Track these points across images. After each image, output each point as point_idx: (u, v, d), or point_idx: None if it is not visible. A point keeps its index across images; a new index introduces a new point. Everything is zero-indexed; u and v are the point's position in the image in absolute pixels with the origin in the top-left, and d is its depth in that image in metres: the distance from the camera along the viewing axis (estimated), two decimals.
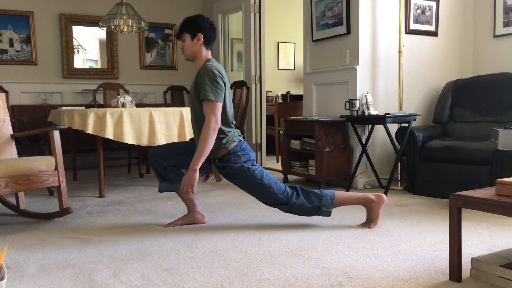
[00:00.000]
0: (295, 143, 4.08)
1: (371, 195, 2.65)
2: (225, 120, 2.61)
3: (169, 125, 3.67)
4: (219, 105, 2.52)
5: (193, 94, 2.61)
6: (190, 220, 2.76)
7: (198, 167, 2.48)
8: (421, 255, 2.12)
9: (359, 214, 2.92)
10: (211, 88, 2.50)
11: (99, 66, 5.81)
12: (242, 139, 2.67)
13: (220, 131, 2.58)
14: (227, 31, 6.07)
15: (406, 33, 4.00)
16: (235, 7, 5.51)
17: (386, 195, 3.42)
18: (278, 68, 7.43)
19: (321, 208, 2.59)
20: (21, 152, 3.58)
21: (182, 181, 2.52)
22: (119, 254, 2.19)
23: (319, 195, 2.60)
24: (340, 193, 2.64)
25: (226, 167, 2.58)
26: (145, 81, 6.07)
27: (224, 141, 2.58)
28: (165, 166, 2.72)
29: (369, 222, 2.64)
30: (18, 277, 1.91)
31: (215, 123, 2.49)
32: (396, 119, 3.52)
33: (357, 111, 3.75)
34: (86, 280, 1.86)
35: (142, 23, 4.74)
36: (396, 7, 3.93)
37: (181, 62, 6.33)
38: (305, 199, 2.60)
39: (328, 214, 2.61)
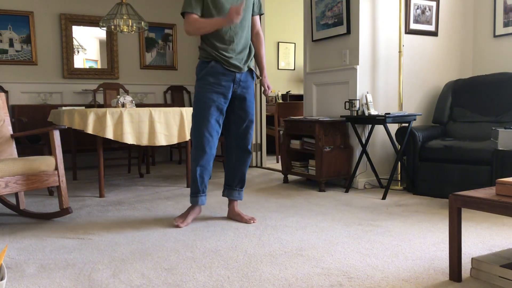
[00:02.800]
0: (295, 143, 4.08)
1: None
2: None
3: (169, 125, 3.67)
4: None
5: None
6: (198, 211, 2.82)
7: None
8: (421, 255, 2.12)
9: (360, 214, 2.92)
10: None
11: (99, 66, 5.81)
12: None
13: None
14: None
15: (406, 33, 4.00)
16: None
17: (386, 195, 3.44)
18: (278, 68, 7.43)
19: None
20: (21, 152, 3.59)
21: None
22: (119, 254, 2.19)
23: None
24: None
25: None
26: (145, 81, 6.07)
27: None
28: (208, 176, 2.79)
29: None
30: (18, 277, 1.91)
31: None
32: (396, 119, 3.52)
33: (357, 111, 3.75)
34: (86, 280, 1.86)
35: (142, 23, 4.75)
36: (396, 7, 3.94)
37: (181, 62, 6.33)
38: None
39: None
